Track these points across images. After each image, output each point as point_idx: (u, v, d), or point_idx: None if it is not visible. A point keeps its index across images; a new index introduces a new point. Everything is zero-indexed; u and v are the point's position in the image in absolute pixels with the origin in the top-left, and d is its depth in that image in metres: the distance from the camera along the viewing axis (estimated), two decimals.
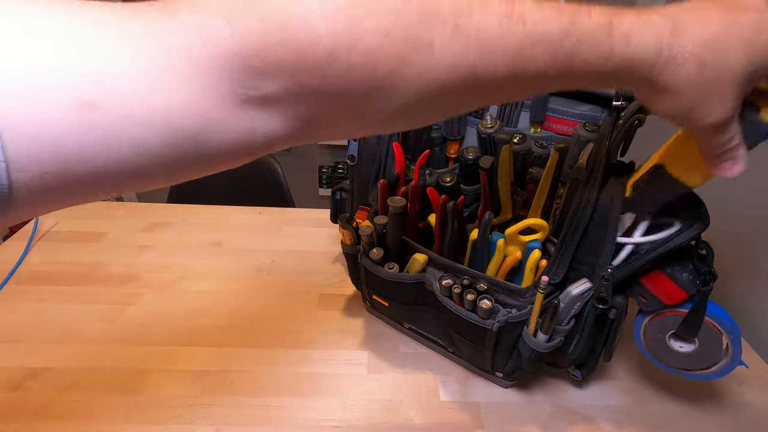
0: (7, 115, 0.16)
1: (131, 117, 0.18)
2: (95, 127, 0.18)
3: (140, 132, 0.19)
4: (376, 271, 0.53)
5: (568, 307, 0.45)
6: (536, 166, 0.55)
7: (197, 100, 0.19)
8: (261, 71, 0.20)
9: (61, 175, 0.18)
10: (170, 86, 0.19)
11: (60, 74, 0.17)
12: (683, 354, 0.46)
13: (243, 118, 0.21)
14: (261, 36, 0.19)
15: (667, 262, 0.42)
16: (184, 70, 0.19)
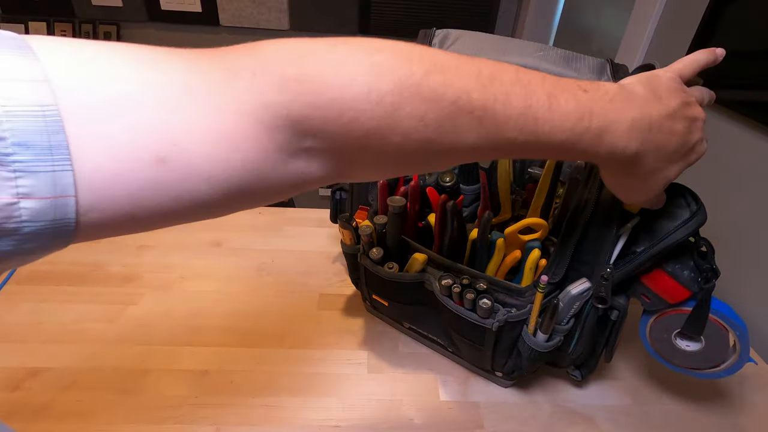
0: (86, 162, 0.18)
1: (197, 174, 0.20)
2: (164, 181, 0.20)
3: (202, 187, 0.21)
4: (376, 271, 0.53)
5: (568, 307, 0.45)
6: (536, 165, 0.55)
7: (254, 158, 0.22)
8: (310, 134, 0.23)
9: (123, 218, 0.20)
10: (234, 146, 0.21)
11: (143, 131, 0.19)
12: (690, 353, 0.46)
13: (289, 169, 0.24)
14: (313, 107, 0.22)
15: (668, 261, 0.42)
16: (248, 132, 0.21)
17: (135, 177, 0.19)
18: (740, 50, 0.75)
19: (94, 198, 0.18)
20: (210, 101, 0.21)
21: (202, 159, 0.20)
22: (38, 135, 0.17)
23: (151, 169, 0.19)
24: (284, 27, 2.08)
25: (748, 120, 0.72)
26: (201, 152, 0.20)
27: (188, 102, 0.20)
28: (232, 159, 0.21)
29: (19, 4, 1.95)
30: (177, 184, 0.20)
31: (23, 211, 0.17)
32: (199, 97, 0.21)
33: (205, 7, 2.00)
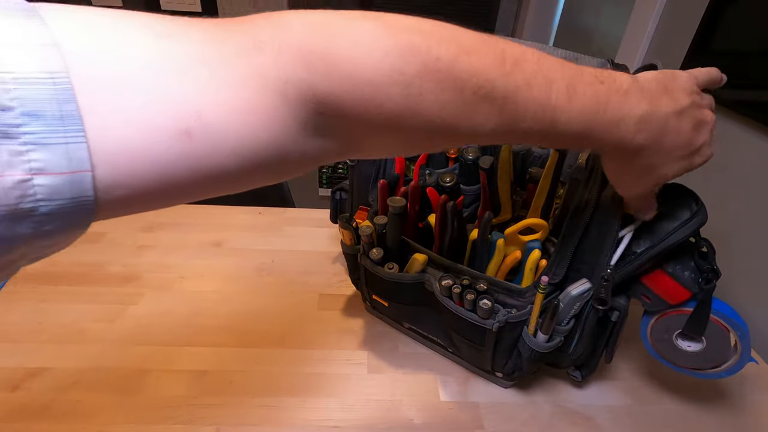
0: (105, 132, 0.17)
1: (223, 146, 0.20)
2: (188, 154, 0.19)
3: (226, 160, 0.20)
4: (376, 271, 0.53)
5: (568, 308, 0.45)
6: (536, 166, 0.55)
7: (278, 132, 0.22)
8: (333, 114, 0.23)
9: (150, 194, 0.19)
10: (257, 120, 0.21)
11: (165, 102, 0.18)
12: (691, 353, 0.46)
13: (309, 145, 0.24)
14: (338, 88, 0.22)
15: (668, 261, 0.42)
16: (271, 106, 0.21)
17: (160, 150, 0.18)
18: (740, 50, 0.75)
19: (118, 175, 0.17)
20: (232, 73, 0.20)
21: (227, 131, 0.20)
22: (48, 104, 0.15)
23: (177, 141, 0.18)
24: None
25: (748, 120, 0.72)
26: (225, 124, 0.20)
27: (209, 73, 0.19)
28: (256, 132, 0.21)
29: None
30: (204, 158, 0.19)
31: (38, 188, 0.15)
32: (221, 69, 0.20)
33: (205, 7, 2.00)
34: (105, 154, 0.17)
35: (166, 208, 0.22)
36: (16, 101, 0.15)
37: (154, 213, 0.84)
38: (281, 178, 0.25)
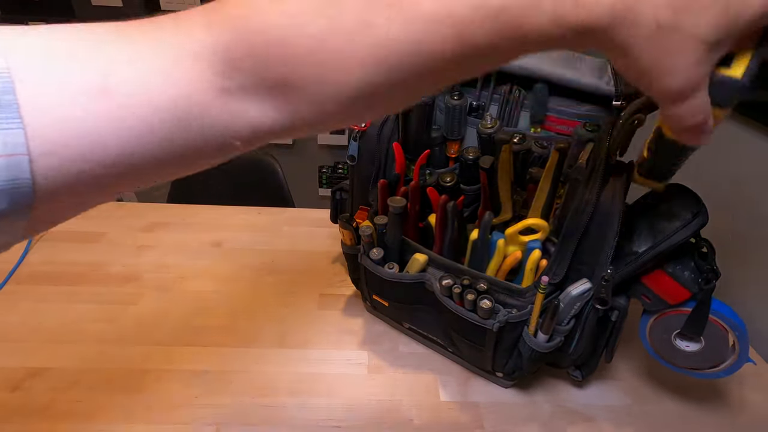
0: (33, 106, 0.18)
1: (138, 103, 0.20)
2: (108, 111, 0.20)
3: (145, 117, 0.21)
4: (376, 271, 0.53)
5: (568, 308, 0.45)
6: (536, 166, 0.55)
7: (191, 89, 0.22)
8: (233, 66, 0.22)
9: (80, 165, 0.19)
10: (172, 76, 0.21)
11: (81, 67, 0.19)
12: (690, 353, 0.46)
13: (229, 106, 0.22)
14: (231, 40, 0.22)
15: (669, 261, 0.42)
16: (176, 65, 0.21)
17: (82, 113, 0.19)
18: None
19: (43, 143, 0.18)
20: (145, 41, 0.21)
21: (140, 89, 0.20)
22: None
23: (93, 101, 0.19)
24: None
25: (748, 120, 0.72)
26: (138, 83, 0.20)
27: (124, 43, 0.21)
28: (171, 89, 0.21)
29: (19, 4, 1.95)
30: (121, 116, 0.20)
31: None
32: (135, 39, 0.21)
33: None
34: (35, 131, 0.18)
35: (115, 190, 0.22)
36: None
37: (155, 213, 0.84)
38: (214, 148, 0.24)
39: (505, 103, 0.51)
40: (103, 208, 0.86)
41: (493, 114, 0.57)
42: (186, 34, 0.22)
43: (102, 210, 0.84)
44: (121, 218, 0.82)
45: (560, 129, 0.56)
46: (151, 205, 0.88)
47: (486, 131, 0.56)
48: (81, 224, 0.79)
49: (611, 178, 0.43)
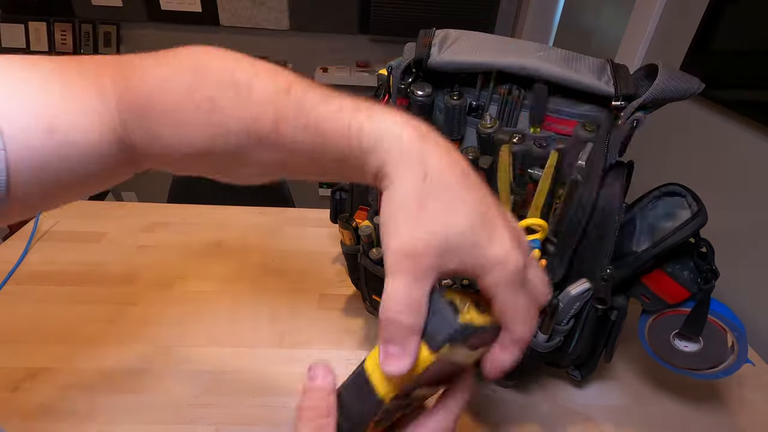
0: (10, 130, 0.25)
1: (72, 140, 0.27)
2: (55, 144, 0.26)
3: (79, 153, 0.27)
4: (376, 271, 0.53)
5: (568, 307, 0.45)
6: (536, 166, 0.55)
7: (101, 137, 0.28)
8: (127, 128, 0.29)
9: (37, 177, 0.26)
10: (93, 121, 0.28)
11: (32, 105, 0.26)
12: (688, 354, 0.46)
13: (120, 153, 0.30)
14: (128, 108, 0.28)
15: (668, 261, 0.42)
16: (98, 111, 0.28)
17: (38, 144, 0.25)
18: (740, 50, 0.75)
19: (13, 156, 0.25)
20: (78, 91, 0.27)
21: (75, 130, 0.27)
22: None
23: (46, 137, 0.25)
24: (284, 27, 2.08)
25: (748, 120, 0.72)
26: (73, 124, 0.27)
27: (63, 87, 0.27)
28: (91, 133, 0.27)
29: (19, 4, 1.95)
30: (63, 150, 0.26)
31: None
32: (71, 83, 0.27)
33: (205, 7, 2.00)
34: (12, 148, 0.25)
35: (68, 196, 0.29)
36: None
37: (155, 213, 0.84)
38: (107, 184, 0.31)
39: (505, 103, 0.51)
40: (103, 207, 0.86)
41: (492, 114, 0.57)
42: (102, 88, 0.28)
43: (102, 210, 0.84)
44: (121, 218, 0.82)
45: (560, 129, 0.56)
46: (151, 205, 0.88)
47: (485, 131, 0.56)
48: (81, 224, 0.79)
49: (611, 178, 0.43)
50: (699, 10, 0.82)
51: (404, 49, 0.49)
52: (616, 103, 0.42)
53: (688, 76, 0.41)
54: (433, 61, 0.45)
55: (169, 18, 2.02)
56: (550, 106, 0.55)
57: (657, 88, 0.40)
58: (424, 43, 0.46)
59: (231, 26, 2.06)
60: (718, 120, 0.78)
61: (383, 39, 2.15)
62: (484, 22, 2.07)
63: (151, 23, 2.04)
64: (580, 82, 0.43)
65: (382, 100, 0.50)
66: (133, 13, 1.98)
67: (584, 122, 0.52)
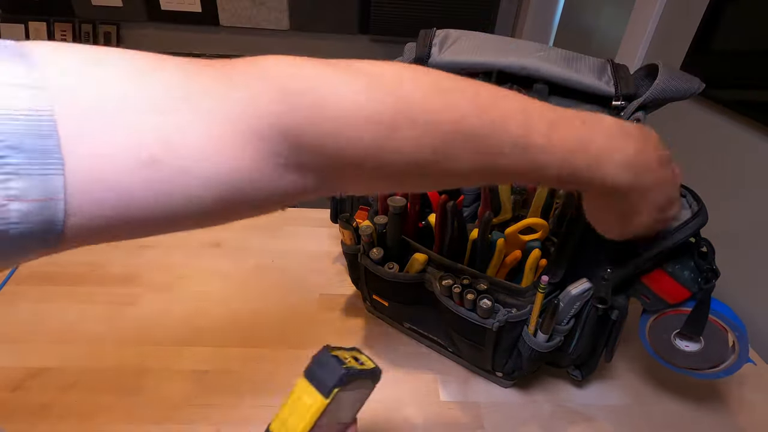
0: (80, 164, 0.18)
1: (188, 174, 0.20)
2: (156, 180, 0.19)
3: (193, 190, 0.21)
4: (376, 271, 0.53)
5: (568, 307, 0.45)
6: None
7: (248, 166, 0.22)
8: (306, 149, 0.23)
9: (113, 220, 0.20)
10: (225, 151, 0.21)
11: (135, 131, 0.19)
12: (689, 353, 0.46)
13: (282, 181, 0.24)
14: (310, 123, 0.22)
15: (668, 261, 0.42)
16: (238, 138, 0.21)
17: (126, 177, 0.19)
18: (740, 50, 0.75)
19: (83, 199, 0.18)
20: (204, 106, 0.21)
21: (192, 161, 0.20)
22: (31, 138, 0.17)
23: (143, 168, 0.19)
24: (284, 27, 2.08)
25: (748, 120, 0.72)
26: (191, 154, 0.20)
27: (182, 106, 0.20)
28: (222, 164, 0.21)
29: (19, 4, 1.95)
30: (167, 185, 0.20)
31: (12, 213, 0.17)
32: (194, 101, 0.20)
33: (205, 7, 2.00)
34: (76, 183, 0.18)
35: (141, 238, 0.22)
36: (1, 135, 0.16)
37: None
38: (258, 212, 0.25)
39: None
40: None
41: None
42: (256, 101, 0.22)
43: None
44: None
45: None
46: None
47: None
48: None
49: None
50: (699, 10, 0.82)
51: (404, 49, 0.49)
52: (617, 103, 0.42)
53: (689, 76, 0.41)
54: (433, 61, 0.45)
55: (169, 18, 2.02)
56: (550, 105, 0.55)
57: (657, 88, 0.40)
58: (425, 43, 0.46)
59: (231, 26, 2.06)
60: (718, 120, 0.78)
61: (383, 39, 2.15)
62: (484, 22, 2.07)
63: (151, 23, 2.04)
64: (581, 82, 0.43)
65: None
66: (133, 13, 1.98)
67: None
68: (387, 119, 0.23)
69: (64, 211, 0.18)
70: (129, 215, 0.20)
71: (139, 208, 0.20)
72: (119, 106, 0.19)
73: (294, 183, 0.24)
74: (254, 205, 0.24)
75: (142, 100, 0.19)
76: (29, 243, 0.18)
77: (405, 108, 0.23)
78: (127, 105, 0.19)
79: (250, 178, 0.22)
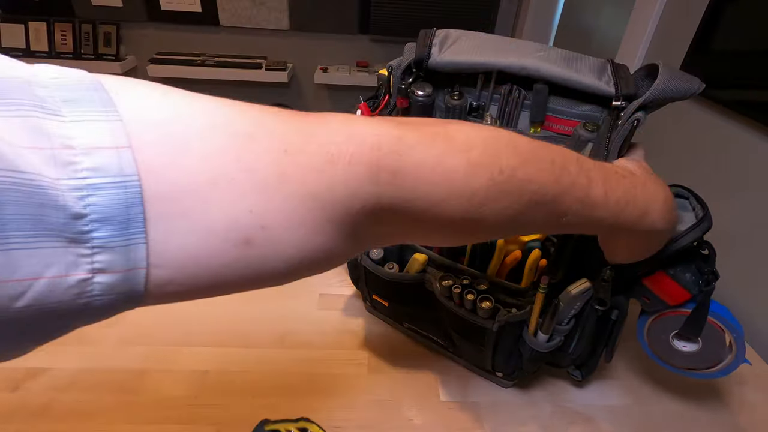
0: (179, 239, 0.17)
1: (279, 256, 0.20)
2: (245, 260, 0.19)
3: (278, 266, 0.21)
4: (376, 271, 0.53)
5: (568, 307, 0.45)
6: None
7: (334, 242, 0.22)
8: (393, 222, 0.23)
9: (194, 290, 0.20)
10: (318, 231, 0.21)
11: (233, 214, 0.18)
12: (687, 354, 0.46)
13: (356, 248, 0.24)
14: (403, 201, 0.22)
15: (670, 263, 0.42)
16: (333, 218, 0.21)
17: (219, 257, 0.19)
18: (740, 50, 0.75)
19: (173, 274, 0.18)
20: (303, 188, 0.20)
21: (285, 243, 0.20)
22: (118, 209, 0.16)
23: (237, 250, 0.19)
24: (284, 27, 2.08)
25: (748, 120, 0.72)
26: (286, 236, 0.20)
27: (281, 186, 0.19)
28: (312, 242, 0.21)
29: (19, 4, 1.95)
30: (257, 265, 0.20)
31: (96, 285, 0.16)
32: (293, 182, 0.20)
33: (205, 7, 2.00)
34: (164, 256, 0.17)
35: None
36: (89, 208, 0.15)
37: None
38: (320, 272, 0.25)
39: (505, 103, 0.51)
40: None
41: (493, 114, 0.57)
42: (352, 181, 0.21)
43: None
44: None
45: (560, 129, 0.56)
46: None
47: None
48: None
49: None
50: (699, 10, 0.82)
51: (404, 49, 0.49)
52: (617, 103, 0.42)
53: (689, 76, 0.41)
54: (433, 61, 0.45)
55: (169, 18, 2.02)
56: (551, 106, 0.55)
57: (657, 88, 0.39)
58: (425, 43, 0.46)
59: (231, 26, 2.06)
60: (718, 120, 0.78)
61: (383, 39, 2.15)
62: (484, 22, 2.07)
63: (151, 23, 2.04)
64: (581, 82, 0.43)
65: (383, 100, 0.50)
66: (133, 13, 1.98)
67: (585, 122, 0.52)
68: (481, 196, 0.24)
69: (145, 279, 0.17)
70: (217, 287, 0.20)
71: (228, 282, 0.20)
72: (214, 184, 0.18)
73: (363, 248, 0.25)
74: (322, 270, 0.24)
75: (239, 178, 0.18)
76: (109, 310, 0.18)
77: (497, 185, 0.24)
78: (223, 183, 0.18)
79: (326, 251, 0.22)
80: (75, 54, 2.00)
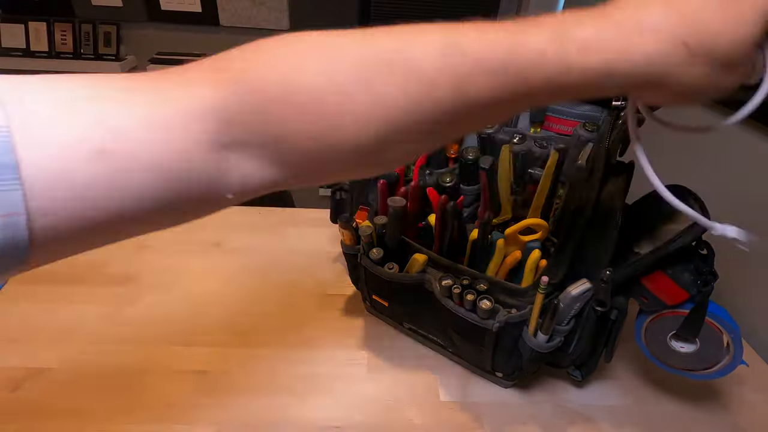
0: (33, 166, 0.18)
1: (137, 162, 0.20)
2: (107, 171, 0.20)
3: (143, 176, 0.21)
4: (376, 271, 0.53)
5: (568, 308, 0.45)
6: (536, 166, 0.55)
7: (185, 147, 0.22)
8: (232, 124, 0.22)
9: (75, 222, 0.20)
10: (166, 136, 0.21)
11: (81, 124, 0.19)
12: (684, 354, 0.46)
13: (221, 161, 0.23)
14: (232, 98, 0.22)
15: (669, 263, 0.42)
16: (182, 120, 0.21)
17: (78, 172, 0.19)
18: None
19: (41, 202, 0.18)
20: (147, 95, 0.21)
21: (139, 148, 0.20)
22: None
23: (93, 161, 0.19)
24: (284, 27, 2.08)
25: (748, 120, 0.72)
26: (138, 141, 0.20)
27: (126, 96, 0.21)
28: (164, 149, 0.21)
29: (19, 4, 1.95)
30: (120, 175, 0.20)
31: None
32: (138, 92, 0.21)
33: (205, 7, 2.00)
34: (32, 187, 0.18)
35: (104, 242, 0.23)
36: None
37: None
38: (206, 201, 0.25)
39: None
40: None
41: None
42: (191, 89, 0.22)
43: None
44: None
45: (560, 129, 0.56)
46: None
47: (486, 131, 0.56)
48: None
49: (611, 178, 0.43)
50: None
51: None
52: (617, 103, 0.42)
53: None
54: None
55: (169, 18, 2.01)
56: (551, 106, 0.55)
57: None
58: None
59: (231, 26, 2.06)
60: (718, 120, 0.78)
61: None
62: None
63: (151, 23, 2.04)
64: None
65: None
66: (133, 13, 1.98)
67: (585, 122, 0.52)
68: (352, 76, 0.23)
69: (27, 226, 0.18)
70: (90, 215, 0.20)
71: (98, 205, 0.20)
72: (62, 103, 0.19)
73: (233, 165, 0.24)
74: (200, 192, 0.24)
75: (84, 94, 0.20)
76: None
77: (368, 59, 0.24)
78: (69, 100, 0.19)
79: (189, 160, 0.22)
80: (75, 54, 2.00)
